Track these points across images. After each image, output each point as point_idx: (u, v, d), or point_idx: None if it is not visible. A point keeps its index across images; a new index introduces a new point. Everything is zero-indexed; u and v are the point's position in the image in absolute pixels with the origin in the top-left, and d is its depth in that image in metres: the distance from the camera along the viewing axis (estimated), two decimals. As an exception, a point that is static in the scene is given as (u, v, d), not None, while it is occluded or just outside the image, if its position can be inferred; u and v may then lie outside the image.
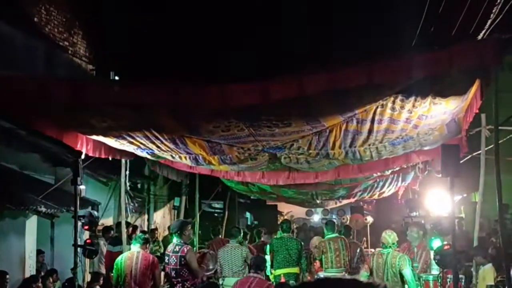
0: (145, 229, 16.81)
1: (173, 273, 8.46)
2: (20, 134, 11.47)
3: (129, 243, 10.41)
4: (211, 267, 9.01)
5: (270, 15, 21.12)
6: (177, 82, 7.39)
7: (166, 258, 8.66)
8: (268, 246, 12.24)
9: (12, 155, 12.07)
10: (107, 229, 12.88)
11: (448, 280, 9.05)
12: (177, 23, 19.85)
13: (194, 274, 8.44)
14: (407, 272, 8.92)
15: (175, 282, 8.47)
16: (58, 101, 6.85)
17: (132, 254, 8.81)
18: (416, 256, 10.05)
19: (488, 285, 8.93)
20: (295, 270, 11.18)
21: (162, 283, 9.96)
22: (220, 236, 14.91)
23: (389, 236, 8.92)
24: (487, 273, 8.99)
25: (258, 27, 20.67)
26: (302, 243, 11.96)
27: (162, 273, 10.13)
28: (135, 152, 9.52)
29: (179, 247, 8.48)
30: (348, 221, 19.30)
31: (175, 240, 8.73)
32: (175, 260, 8.40)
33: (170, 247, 8.76)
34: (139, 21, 18.90)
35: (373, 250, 14.77)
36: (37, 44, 15.16)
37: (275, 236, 12.98)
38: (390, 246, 8.81)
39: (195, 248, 14.84)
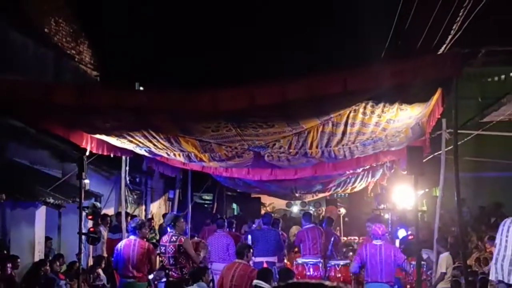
0: (143, 218, 16.71)
1: (171, 261, 8.32)
2: (30, 133, 11.40)
3: (127, 231, 10.33)
4: (202, 254, 8.93)
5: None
6: (174, 88, 7.33)
7: (163, 248, 8.49)
8: (249, 236, 12.17)
9: (23, 151, 12.00)
10: (104, 216, 12.85)
11: (411, 266, 9.07)
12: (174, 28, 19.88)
13: (193, 260, 8.34)
14: (407, 267, 8.93)
15: (173, 269, 8.36)
16: (65, 104, 6.77)
17: (130, 241, 8.71)
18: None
19: (442, 273, 8.97)
20: (272, 259, 11.11)
21: (157, 267, 9.86)
22: (212, 225, 14.88)
23: (379, 228, 8.97)
24: (443, 261, 9.02)
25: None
26: (280, 234, 11.83)
27: (158, 258, 10.04)
28: (134, 150, 9.46)
29: (176, 237, 8.35)
30: (323, 212, 19.35)
31: (169, 231, 8.59)
32: (173, 249, 8.25)
33: (165, 238, 8.56)
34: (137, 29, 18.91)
35: (344, 238, 14.80)
36: (47, 52, 15.07)
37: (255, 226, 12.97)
38: (380, 238, 8.86)
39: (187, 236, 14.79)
